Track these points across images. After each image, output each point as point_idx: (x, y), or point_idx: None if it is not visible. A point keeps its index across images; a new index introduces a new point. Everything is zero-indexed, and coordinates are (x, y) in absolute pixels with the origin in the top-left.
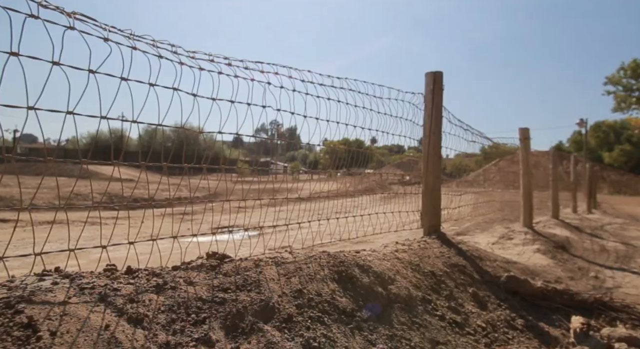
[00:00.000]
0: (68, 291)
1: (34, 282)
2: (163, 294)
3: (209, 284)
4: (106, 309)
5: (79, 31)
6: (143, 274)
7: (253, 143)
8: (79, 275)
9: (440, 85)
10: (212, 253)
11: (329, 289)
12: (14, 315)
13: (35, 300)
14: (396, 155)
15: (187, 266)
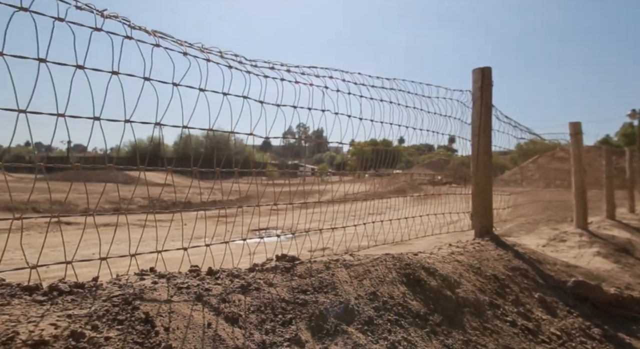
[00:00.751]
0: (168, 290)
1: (136, 281)
2: (249, 295)
3: (288, 286)
4: (204, 308)
5: (136, 40)
6: (224, 275)
7: (281, 146)
8: (173, 275)
9: (489, 81)
10: (282, 255)
11: (400, 292)
12: (133, 311)
13: (146, 298)
14: (425, 154)
15: (262, 268)
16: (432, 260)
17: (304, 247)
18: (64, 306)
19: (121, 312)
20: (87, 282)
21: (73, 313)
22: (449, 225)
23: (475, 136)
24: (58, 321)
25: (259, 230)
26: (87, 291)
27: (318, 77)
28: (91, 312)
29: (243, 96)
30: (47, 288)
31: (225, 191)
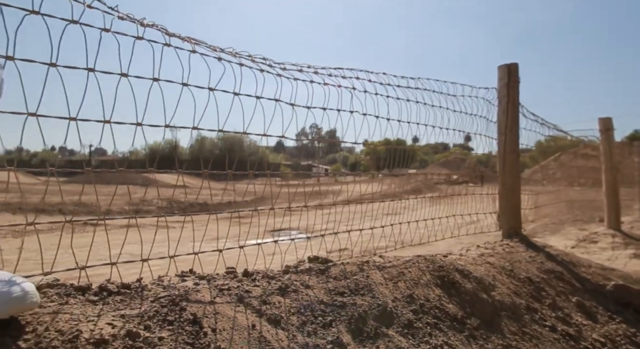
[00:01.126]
0: (211, 291)
1: (178, 282)
2: (288, 297)
3: (325, 288)
4: (246, 310)
5: (174, 47)
6: (259, 277)
7: (294, 147)
8: (212, 277)
9: (515, 77)
10: (314, 257)
11: (435, 295)
12: (180, 312)
13: (191, 299)
14: (440, 153)
15: (296, 270)
16: (463, 262)
17: (321, 248)
18: (115, 306)
19: (170, 313)
20: (133, 283)
21: (125, 313)
22: (467, 226)
23: (502, 134)
24: (113, 320)
25: (275, 231)
26: (133, 291)
27: (345, 78)
28: (142, 312)
29: (275, 98)
30: (98, 288)
31: (240, 192)
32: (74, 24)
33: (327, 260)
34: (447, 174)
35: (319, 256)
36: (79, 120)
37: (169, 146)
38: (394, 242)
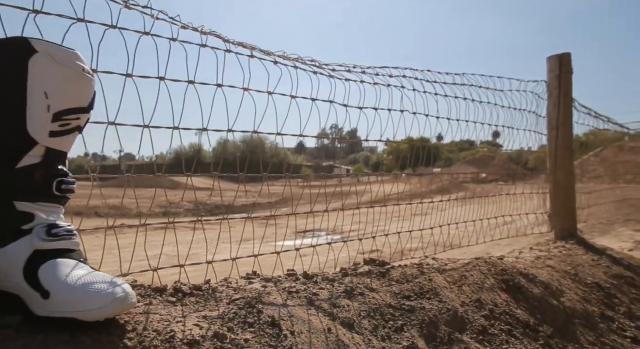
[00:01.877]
0: (281, 294)
1: (246, 284)
2: (355, 300)
3: (391, 292)
4: (318, 313)
5: (234, 53)
6: (319, 279)
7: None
8: (277, 279)
9: (568, 69)
10: (370, 259)
11: (502, 300)
12: (259, 314)
13: (265, 302)
14: (466, 151)
15: (355, 273)
16: (522, 266)
17: (352, 250)
18: (194, 307)
19: (249, 315)
20: (203, 284)
21: (207, 315)
22: (501, 227)
23: (553, 129)
24: (199, 322)
25: (301, 232)
26: (205, 293)
27: (392, 77)
28: (222, 314)
29: (330, 100)
30: (173, 289)
31: (263, 194)
32: (145, 35)
33: (384, 262)
34: (475, 172)
35: (376, 258)
36: (151, 127)
37: (192, 150)
38: (426, 244)
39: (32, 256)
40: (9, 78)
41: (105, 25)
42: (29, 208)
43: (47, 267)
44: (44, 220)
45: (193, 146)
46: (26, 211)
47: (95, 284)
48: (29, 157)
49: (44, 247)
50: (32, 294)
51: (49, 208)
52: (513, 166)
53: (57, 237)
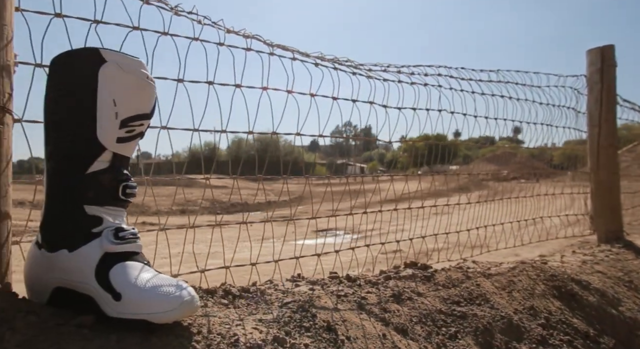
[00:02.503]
0: (330, 298)
1: (293, 287)
2: (404, 305)
3: (438, 296)
4: (370, 317)
5: (278, 56)
6: (362, 282)
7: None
8: (323, 282)
9: (611, 62)
10: (410, 262)
11: (556, 308)
12: (313, 318)
13: (316, 305)
14: (485, 148)
15: (397, 276)
16: (570, 271)
17: (373, 249)
18: (247, 310)
19: (304, 319)
20: (250, 286)
21: (262, 318)
22: (524, 229)
23: (595, 126)
24: (257, 325)
25: (319, 231)
26: (253, 295)
27: (427, 76)
28: (276, 318)
29: (370, 101)
30: (223, 291)
31: (278, 191)
32: (195, 40)
33: (426, 266)
34: (495, 170)
35: (415, 261)
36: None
37: (207, 148)
38: (447, 245)
39: (102, 258)
40: (81, 87)
41: (157, 32)
42: (97, 212)
43: (117, 269)
44: (112, 223)
45: (208, 144)
46: (95, 214)
47: (163, 287)
48: (98, 163)
49: (113, 250)
50: (103, 296)
51: (115, 212)
52: (536, 163)
53: (124, 240)
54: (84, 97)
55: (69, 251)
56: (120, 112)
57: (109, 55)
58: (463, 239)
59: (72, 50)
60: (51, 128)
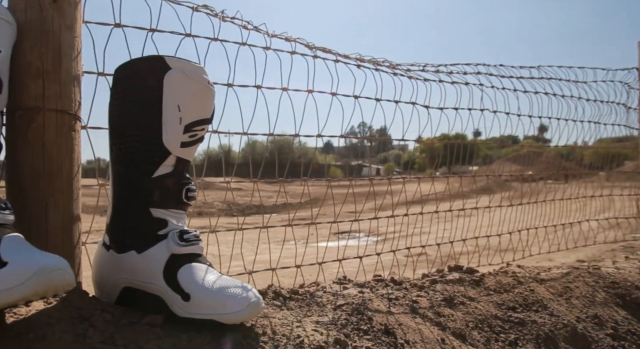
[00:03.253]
0: (381, 301)
1: (342, 289)
2: (457, 309)
3: (491, 301)
4: (425, 321)
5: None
6: (408, 286)
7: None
8: (371, 285)
9: None
10: (455, 266)
11: (621, 317)
12: (370, 321)
13: (370, 308)
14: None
15: (444, 279)
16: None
17: (390, 249)
18: (300, 311)
19: (361, 322)
20: (298, 288)
21: (318, 320)
22: (557, 233)
23: None
24: (316, 327)
25: (340, 233)
26: (302, 297)
27: (465, 75)
28: (333, 320)
29: (412, 102)
30: (273, 293)
31: (294, 194)
32: (242, 45)
33: (471, 269)
34: (519, 170)
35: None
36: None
37: (222, 151)
38: (476, 249)
39: (169, 259)
40: (147, 93)
41: (208, 38)
42: (162, 215)
43: (184, 270)
44: (176, 226)
45: (223, 147)
46: (160, 217)
47: (230, 288)
48: (163, 167)
49: (179, 252)
50: (172, 296)
51: (178, 214)
52: (565, 163)
53: (188, 242)
54: (150, 104)
55: (138, 253)
56: (185, 118)
57: (173, 63)
58: (493, 243)
59: (137, 59)
60: (117, 134)
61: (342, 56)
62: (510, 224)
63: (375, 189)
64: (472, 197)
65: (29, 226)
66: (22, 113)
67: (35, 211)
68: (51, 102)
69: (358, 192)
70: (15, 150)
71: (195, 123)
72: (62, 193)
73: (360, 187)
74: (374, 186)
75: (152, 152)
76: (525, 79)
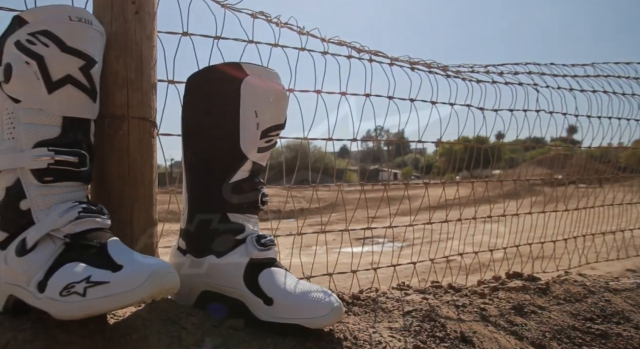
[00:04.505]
0: (448, 307)
1: (403, 296)
2: (529, 319)
3: (565, 311)
4: (499, 330)
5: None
6: (468, 293)
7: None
8: (434, 291)
9: None
10: (514, 273)
11: None
12: (444, 328)
13: (440, 315)
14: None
15: (505, 287)
16: None
17: (414, 256)
18: (368, 317)
19: (435, 329)
20: (358, 293)
21: (390, 326)
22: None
23: None
24: (392, 333)
25: (360, 239)
26: (365, 302)
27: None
28: (405, 326)
29: (467, 104)
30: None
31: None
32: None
33: (533, 277)
34: (548, 174)
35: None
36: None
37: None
38: (506, 256)
39: (249, 264)
40: (226, 100)
41: (269, 44)
42: (239, 219)
43: (265, 275)
44: (252, 230)
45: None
46: (238, 222)
47: (312, 292)
48: (240, 172)
49: (258, 257)
50: (254, 300)
51: (253, 219)
52: (598, 165)
53: (266, 247)
54: (229, 110)
55: (217, 257)
56: (261, 123)
57: (250, 69)
58: (523, 250)
59: (214, 66)
60: (192, 139)
61: (394, 59)
62: (543, 230)
63: (394, 194)
64: (498, 202)
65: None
66: (110, 121)
67: (122, 216)
68: (134, 110)
69: (375, 197)
70: (101, 157)
71: (271, 128)
72: (145, 199)
73: (376, 192)
74: (401, 191)
75: (230, 158)
76: (581, 77)
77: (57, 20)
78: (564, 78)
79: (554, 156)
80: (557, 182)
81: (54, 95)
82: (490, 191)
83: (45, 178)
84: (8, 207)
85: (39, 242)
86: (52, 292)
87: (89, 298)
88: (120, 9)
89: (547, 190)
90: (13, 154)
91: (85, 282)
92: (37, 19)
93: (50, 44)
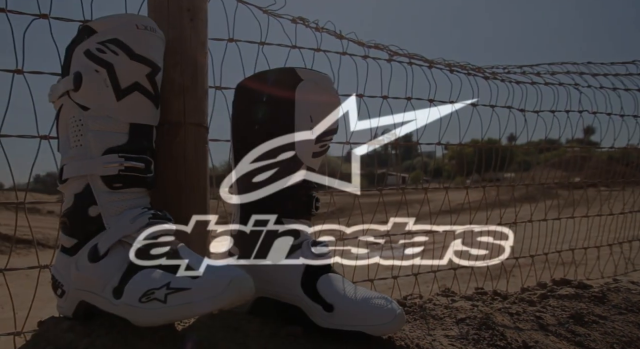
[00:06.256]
0: (502, 315)
1: (450, 302)
2: (592, 329)
3: (629, 321)
4: (561, 340)
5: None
6: (516, 300)
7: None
8: (479, 298)
9: None
10: (561, 279)
11: None
12: (503, 337)
13: (496, 322)
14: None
15: (555, 294)
16: None
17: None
18: (420, 324)
19: (494, 337)
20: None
21: (446, 334)
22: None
23: None
24: (452, 342)
25: (372, 244)
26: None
27: (553, 75)
28: (462, 334)
29: (508, 106)
30: None
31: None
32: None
33: (584, 284)
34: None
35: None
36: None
37: None
38: (528, 261)
39: (306, 270)
40: (281, 105)
41: (312, 49)
42: (294, 225)
43: (323, 281)
44: (307, 236)
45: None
46: (293, 227)
47: (373, 299)
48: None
49: (314, 263)
50: (313, 306)
51: (306, 224)
52: (620, 167)
53: (322, 252)
54: (284, 115)
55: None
56: (316, 128)
57: (304, 74)
58: (550, 257)
59: (266, 71)
60: (243, 146)
61: (431, 62)
62: (572, 235)
63: (408, 198)
64: (511, 206)
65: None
66: (168, 127)
67: (180, 222)
68: (190, 116)
69: (387, 201)
70: (159, 163)
71: (325, 133)
72: (200, 205)
73: (389, 196)
74: (414, 195)
75: (286, 163)
76: (624, 76)
77: (125, 28)
78: (580, 76)
79: (571, 158)
80: (574, 185)
81: (122, 102)
82: (505, 195)
83: (115, 184)
84: (77, 213)
85: (111, 249)
86: (130, 298)
87: (170, 304)
88: (176, 16)
89: (565, 193)
90: (82, 161)
91: (165, 288)
92: (106, 28)
93: (119, 52)
